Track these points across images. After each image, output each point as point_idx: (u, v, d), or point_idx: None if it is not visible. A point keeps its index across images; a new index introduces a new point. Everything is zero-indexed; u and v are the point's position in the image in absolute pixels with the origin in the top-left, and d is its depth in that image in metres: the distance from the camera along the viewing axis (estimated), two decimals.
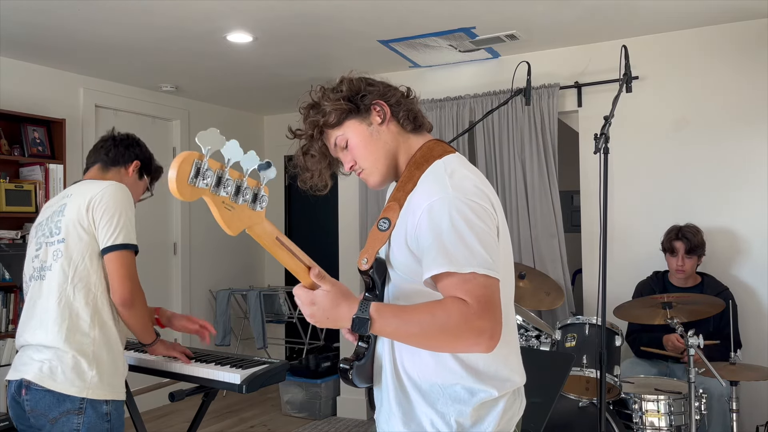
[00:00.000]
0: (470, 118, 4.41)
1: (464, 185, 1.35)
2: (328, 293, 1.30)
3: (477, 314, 1.24)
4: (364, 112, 1.47)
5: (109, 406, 2.07)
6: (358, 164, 1.49)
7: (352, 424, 4.80)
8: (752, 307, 3.73)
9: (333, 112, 1.45)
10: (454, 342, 1.28)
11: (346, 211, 4.99)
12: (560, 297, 3.82)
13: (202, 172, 1.00)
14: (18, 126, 4.26)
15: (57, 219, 2.15)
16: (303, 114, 1.51)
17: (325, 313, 1.29)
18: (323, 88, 1.50)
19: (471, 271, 1.25)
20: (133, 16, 3.59)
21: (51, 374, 2.02)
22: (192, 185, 0.98)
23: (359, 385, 1.48)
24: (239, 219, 1.06)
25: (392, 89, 1.52)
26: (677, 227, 3.57)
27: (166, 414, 5.09)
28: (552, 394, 2.42)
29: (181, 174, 0.98)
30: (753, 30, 3.77)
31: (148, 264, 5.23)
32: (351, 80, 1.49)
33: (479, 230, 1.29)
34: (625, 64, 3.01)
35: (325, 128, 1.48)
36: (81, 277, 2.09)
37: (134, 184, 2.37)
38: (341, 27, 3.80)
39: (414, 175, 1.43)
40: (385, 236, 1.42)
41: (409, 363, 1.41)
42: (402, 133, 1.50)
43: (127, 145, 2.35)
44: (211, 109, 5.91)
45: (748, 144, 3.76)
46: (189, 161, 0.98)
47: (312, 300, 1.30)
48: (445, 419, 1.37)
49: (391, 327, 1.29)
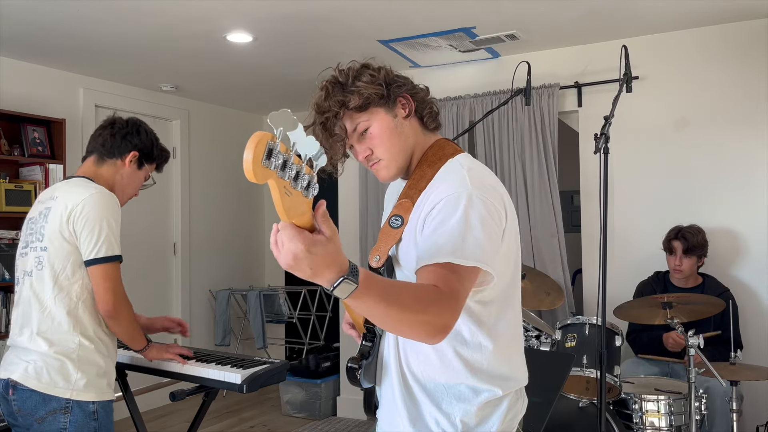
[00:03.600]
0: (470, 118, 4.41)
1: (483, 183, 1.35)
2: (328, 244, 1.06)
3: (450, 307, 1.20)
4: (391, 103, 1.45)
5: (95, 405, 2.07)
6: (375, 154, 1.45)
7: (352, 424, 4.80)
8: (752, 308, 3.73)
9: (364, 95, 1.40)
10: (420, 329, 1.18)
11: (345, 210, 4.99)
12: (560, 297, 3.82)
13: (274, 153, 0.98)
14: (18, 126, 4.26)
15: (42, 224, 2.12)
16: (325, 90, 1.42)
17: (314, 263, 1.06)
18: (352, 69, 1.46)
19: (474, 265, 1.24)
20: (133, 16, 3.59)
21: (36, 375, 2.02)
22: (265, 167, 0.97)
23: (366, 385, 1.47)
24: (294, 206, 1.04)
25: (417, 86, 1.51)
26: (678, 227, 3.58)
27: (167, 414, 5.09)
28: (552, 394, 2.42)
29: (256, 155, 0.95)
30: (753, 30, 3.77)
31: (148, 264, 5.23)
32: (382, 68, 1.46)
33: (489, 228, 1.29)
34: (625, 64, 3.01)
35: (352, 110, 1.41)
36: (62, 287, 2.07)
37: (132, 175, 2.28)
38: (341, 27, 3.80)
39: (427, 173, 1.42)
40: (398, 234, 1.40)
41: (414, 362, 1.40)
42: (422, 130, 1.50)
43: (124, 134, 2.25)
44: (211, 109, 5.91)
45: (748, 144, 3.76)
46: (263, 142, 0.96)
47: (310, 245, 1.04)
48: (450, 419, 1.37)
49: (373, 300, 1.13)
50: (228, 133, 6.09)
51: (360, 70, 1.45)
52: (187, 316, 5.59)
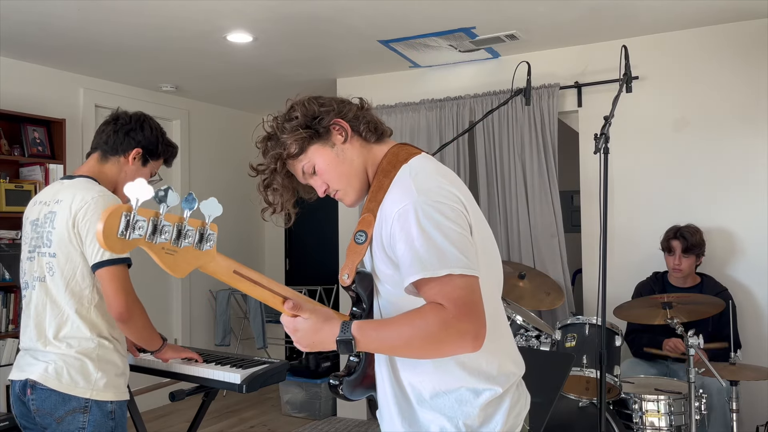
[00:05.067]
0: (470, 118, 4.41)
1: (429, 186, 1.32)
2: (307, 321, 1.33)
3: (456, 317, 1.22)
4: (324, 135, 1.44)
5: (113, 405, 2.07)
6: (332, 187, 1.47)
7: (352, 424, 4.80)
8: (750, 307, 3.74)
9: (294, 143, 1.42)
10: (438, 347, 1.26)
11: (345, 220, 4.99)
12: (560, 297, 3.82)
13: (131, 223, 0.99)
14: (18, 126, 4.26)
15: (48, 229, 2.10)
16: (261, 147, 1.47)
17: (308, 339, 1.33)
18: (276, 119, 1.47)
19: (446, 273, 1.23)
20: (133, 16, 3.59)
21: (57, 375, 2.01)
22: (122, 238, 0.98)
23: (352, 398, 1.48)
24: (185, 261, 1.06)
25: (346, 104, 1.49)
26: (677, 227, 3.59)
27: (166, 414, 5.09)
28: (552, 394, 2.42)
29: (108, 229, 0.97)
30: (753, 30, 3.77)
31: (149, 264, 5.21)
32: (303, 104, 1.45)
33: (448, 231, 1.27)
34: (625, 64, 3.01)
35: (289, 159, 1.45)
36: (74, 292, 2.06)
37: (136, 172, 2.23)
38: (341, 27, 3.80)
39: (383, 183, 1.41)
40: (362, 249, 1.40)
41: (409, 373, 1.40)
42: (365, 145, 1.48)
43: (127, 131, 2.19)
44: (211, 109, 5.92)
45: (748, 144, 3.76)
46: (116, 215, 0.98)
47: (295, 327, 1.33)
48: (453, 422, 1.36)
49: (376, 343, 1.30)
50: (228, 133, 6.10)
51: (284, 117, 1.46)
52: (187, 316, 5.59)
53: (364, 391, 1.48)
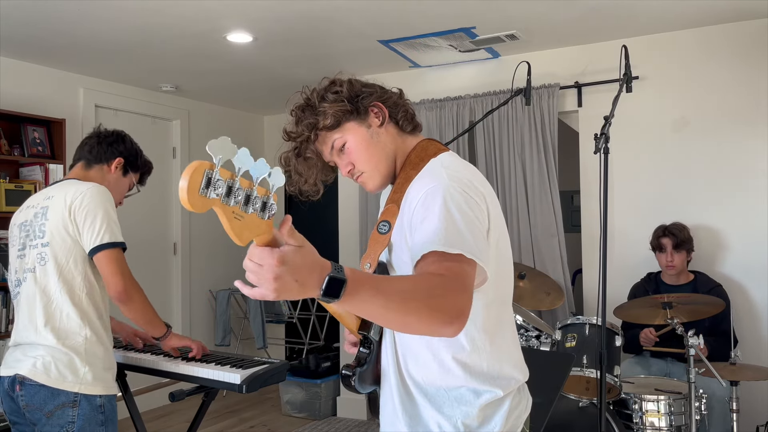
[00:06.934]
0: (470, 118, 4.41)
1: (460, 177, 1.33)
2: (301, 249, 1.04)
3: (457, 289, 1.18)
4: (363, 114, 1.44)
5: (102, 399, 2.11)
6: (357, 168, 1.46)
7: (352, 424, 4.80)
8: (748, 308, 3.74)
9: (332, 114, 1.41)
10: (429, 317, 1.14)
11: (346, 215, 4.99)
12: (560, 297, 3.82)
13: (213, 182, 0.98)
14: (18, 126, 4.26)
15: (40, 222, 2.17)
16: (295, 116, 1.45)
17: (296, 273, 1.02)
18: (316, 90, 1.46)
19: (458, 252, 1.22)
20: (133, 16, 3.59)
21: (45, 370, 2.05)
22: (203, 196, 0.97)
23: (362, 391, 1.47)
24: (248, 229, 1.04)
25: (388, 91, 1.50)
26: (663, 226, 3.64)
27: (166, 414, 5.09)
28: (552, 394, 2.42)
29: (192, 184, 0.95)
30: (753, 30, 3.77)
31: (148, 264, 5.23)
32: (349, 81, 1.46)
33: (470, 219, 1.27)
34: (625, 64, 3.01)
35: (324, 131, 1.43)
36: (66, 279, 2.12)
37: (117, 181, 2.37)
38: (341, 27, 3.80)
39: (410, 175, 1.41)
40: (386, 239, 1.39)
41: (413, 368, 1.40)
42: (400, 134, 1.49)
43: (110, 142, 2.35)
44: (211, 109, 5.91)
45: (748, 144, 3.76)
46: (200, 171, 0.96)
47: (282, 258, 1.00)
48: (451, 421, 1.37)
49: (369, 292, 1.09)
50: (228, 133, 6.09)
51: (326, 88, 1.45)
52: (187, 316, 5.59)
53: (373, 384, 1.48)
